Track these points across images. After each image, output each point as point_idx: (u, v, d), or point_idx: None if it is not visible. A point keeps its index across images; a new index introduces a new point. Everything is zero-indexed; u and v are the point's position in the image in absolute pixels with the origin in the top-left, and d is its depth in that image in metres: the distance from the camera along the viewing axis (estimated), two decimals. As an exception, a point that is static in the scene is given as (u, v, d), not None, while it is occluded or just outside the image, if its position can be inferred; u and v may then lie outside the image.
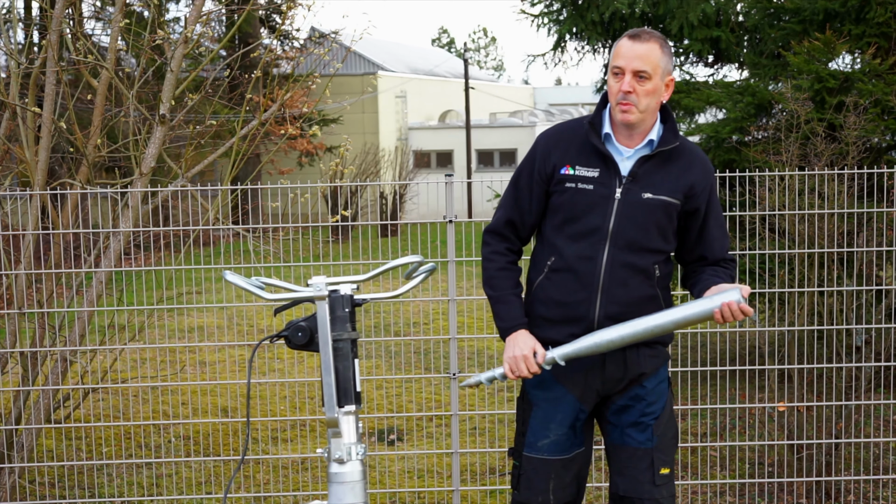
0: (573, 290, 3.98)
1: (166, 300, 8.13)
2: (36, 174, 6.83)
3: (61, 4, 6.88)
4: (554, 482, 4.07)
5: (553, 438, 4.06)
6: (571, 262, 3.97)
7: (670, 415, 4.11)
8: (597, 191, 3.94)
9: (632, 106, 3.88)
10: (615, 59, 3.91)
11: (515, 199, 4.12)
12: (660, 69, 3.89)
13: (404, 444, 7.97)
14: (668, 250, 4.05)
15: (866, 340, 6.57)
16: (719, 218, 4.11)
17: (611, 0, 10.32)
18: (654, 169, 3.97)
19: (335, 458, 3.72)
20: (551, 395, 4.07)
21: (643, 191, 3.94)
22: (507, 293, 4.08)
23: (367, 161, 26.57)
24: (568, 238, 3.99)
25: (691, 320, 3.86)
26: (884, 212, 6.32)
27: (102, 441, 7.87)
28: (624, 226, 3.93)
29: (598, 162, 3.97)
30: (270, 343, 3.91)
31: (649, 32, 3.92)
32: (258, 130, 7.22)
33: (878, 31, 8.74)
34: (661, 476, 4.03)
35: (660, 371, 4.09)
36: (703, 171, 4.04)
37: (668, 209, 3.96)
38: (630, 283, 3.95)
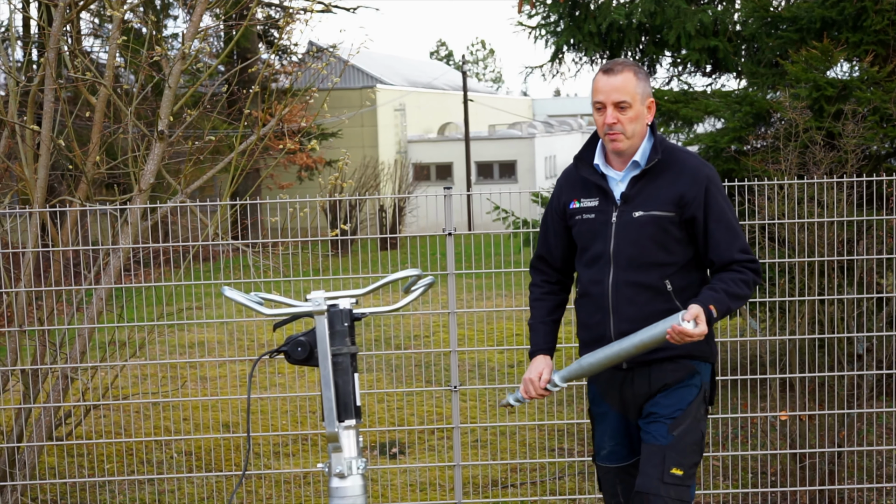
0: (591, 312, 4.27)
1: (167, 316, 8.13)
2: (35, 192, 6.83)
3: (59, 22, 6.89)
4: (621, 486, 4.37)
5: (609, 449, 4.37)
6: (587, 287, 4.26)
7: (693, 422, 4.19)
8: (597, 218, 4.22)
9: (619, 135, 4.12)
10: (595, 94, 4.16)
11: (544, 236, 4.46)
12: (638, 96, 4.12)
13: (406, 457, 7.96)
14: (677, 262, 4.17)
15: (868, 348, 6.56)
16: (722, 220, 4.16)
17: (608, 11, 10.32)
18: (645, 187, 4.17)
19: (336, 472, 3.72)
20: (600, 410, 4.38)
21: (634, 210, 4.15)
22: (536, 322, 4.43)
23: (367, 174, 26.57)
24: (584, 266, 4.29)
25: (648, 344, 4.02)
26: (883, 219, 6.32)
27: (104, 458, 7.86)
28: (622, 246, 4.15)
29: (597, 192, 4.24)
30: (270, 358, 3.91)
31: (622, 63, 4.15)
32: (257, 145, 7.23)
33: (876, 38, 8.74)
34: (672, 475, 4.10)
35: (687, 380, 4.21)
36: (692, 178, 4.15)
37: (661, 222, 4.12)
38: (638, 301, 4.14)
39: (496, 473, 7.39)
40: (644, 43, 10.78)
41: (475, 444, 8.16)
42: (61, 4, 6.86)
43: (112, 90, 7.05)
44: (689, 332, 3.90)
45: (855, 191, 6.28)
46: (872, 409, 6.39)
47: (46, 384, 6.93)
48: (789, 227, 6.29)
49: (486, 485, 7.22)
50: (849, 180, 6.22)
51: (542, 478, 7.33)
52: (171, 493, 7.24)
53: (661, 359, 4.16)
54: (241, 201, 6.57)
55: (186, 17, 24.32)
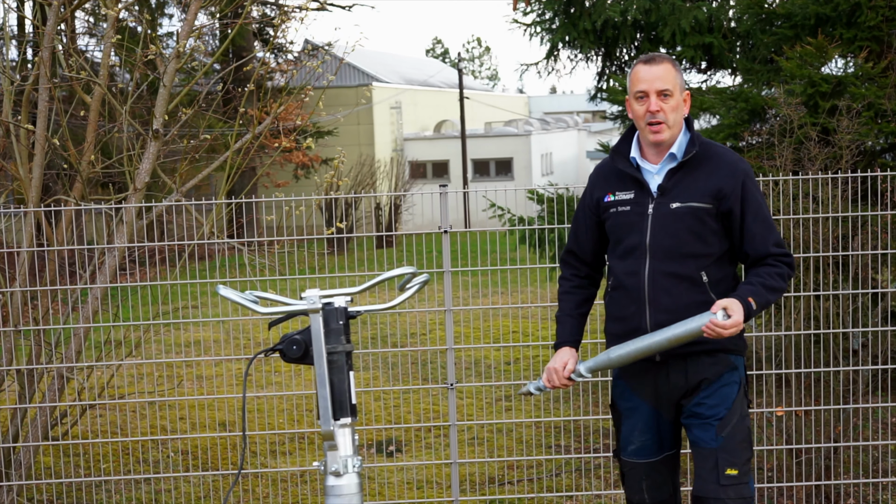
0: (625, 304, 4.28)
1: (163, 315, 8.13)
2: (30, 191, 6.83)
3: (53, 21, 6.88)
4: (647, 482, 4.36)
5: (639, 444, 4.35)
6: (622, 279, 4.28)
7: (739, 419, 4.23)
8: (633, 210, 4.26)
9: (662, 124, 4.18)
10: (636, 84, 4.21)
11: (575, 231, 4.52)
12: (678, 86, 4.21)
13: (403, 455, 7.96)
14: (713, 253, 4.21)
15: (863, 343, 6.57)
16: (759, 213, 4.23)
17: (603, 8, 10.32)
18: (682, 179, 4.22)
19: (332, 470, 3.72)
20: (630, 405, 4.37)
21: (672, 201, 4.20)
22: (564, 314, 4.49)
23: (363, 173, 26.55)
24: (618, 258, 4.32)
25: (683, 338, 4.06)
26: (878, 215, 6.32)
27: (101, 457, 7.86)
28: (658, 237, 4.19)
29: (632, 184, 4.29)
30: (266, 356, 3.91)
31: (661, 55, 4.25)
32: (252, 144, 7.22)
33: (870, 34, 8.74)
34: (728, 476, 4.17)
35: (723, 376, 4.23)
36: (730, 171, 4.21)
37: (698, 214, 4.17)
38: (674, 292, 4.17)
39: (493, 471, 7.39)
40: (639, 40, 10.79)
41: (472, 441, 8.16)
42: (55, 3, 6.85)
43: (107, 89, 7.04)
44: (726, 326, 3.95)
45: (850, 187, 6.28)
46: (868, 404, 6.40)
47: (42, 384, 6.92)
48: (784, 223, 6.29)
49: (482, 482, 7.22)
50: (844, 176, 6.22)
51: (539, 475, 7.34)
52: (168, 493, 7.24)
53: (698, 352, 4.18)
54: (236, 200, 6.57)
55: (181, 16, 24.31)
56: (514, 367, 10.71)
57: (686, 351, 4.16)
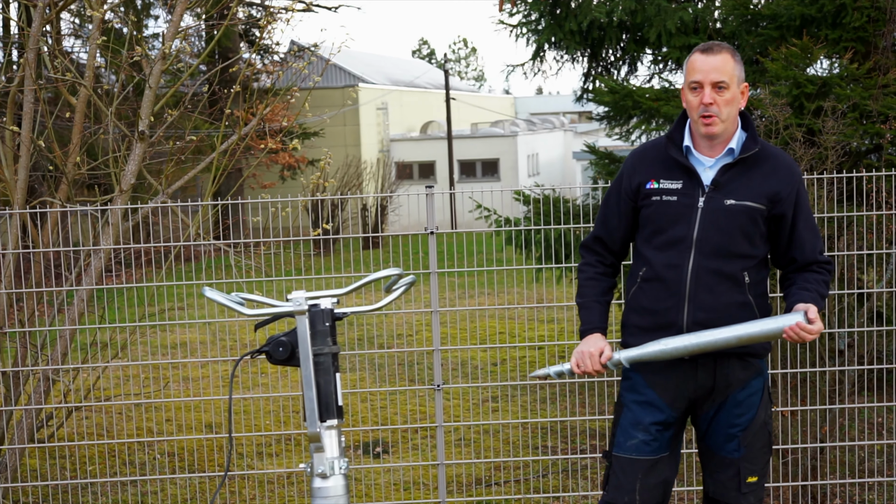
0: (662, 297, 4.11)
1: (149, 317, 8.10)
2: (15, 193, 6.81)
3: (38, 22, 6.86)
4: (640, 482, 4.16)
5: (641, 439, 4.16)
6: (660, 270, 4.11)
7: (762, 425, 4.18)
8: (681, 201, 4.09)
9: (714, 118, 4.03)
10: (691, 74, 4.08)
11: (605, 217, 4.32)
12: (735, 78, 4.05)
13: (390, 456, 7.95)
14: (757, 255, 4.12)
15: (849, 344, 6.59)
16: (809, 220, 4.17)
17: (588, 9, 10.33)
18: (737, 176, 4.08)
19: (318, 472, 3.71)
20: (642, 398, 4.18)
21: (726, 198, 4.06)
22: (590, 300, 4.29)
23: (349, 174, 26.54)
24: (656, 249, 4.13)
25: (759, 337, 3.97)
26: (864, 215, 6.34)
27: (87, 459, 7.84)
28: (708, 233, 4.05)
29: (681, 174, 4.12)
30: (252, 358, 3.90)
31: (719, 45, 4.09)
32: (238, 145, 7.22)
33: (855, 35, 8.77)
34: (748, 484, 4.15)
35: (751, 383, 4.16)
36: (788, 175, 4.12)
37: (752, 214, 4.05)
38: (717, 290, 4.05)
39: (480, 472, 7.40)
40: (625, 41, 10.80)
41: (459, 442, 8.16)
42: (41, 5, 6.84)
43: (92, 90, 7.03)
44: (812, 331, 3.87)
45: (835, 187, 6.30)
46: (854, 404, 6.41)
47: (28, 386, 6.90)
48: (770, 224, 6.30)
49: (469, 483, 7.22)
50: (829, 177, 6.24)
51: (527, 476, 7.34)
52: (155, 495, 7.23)
53: (729, 354, 4.07)
54: (222, 201, 6.56)
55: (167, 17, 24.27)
56: (500, 368, 10.71)
57: (717, 353, 4.06)
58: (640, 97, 9.59)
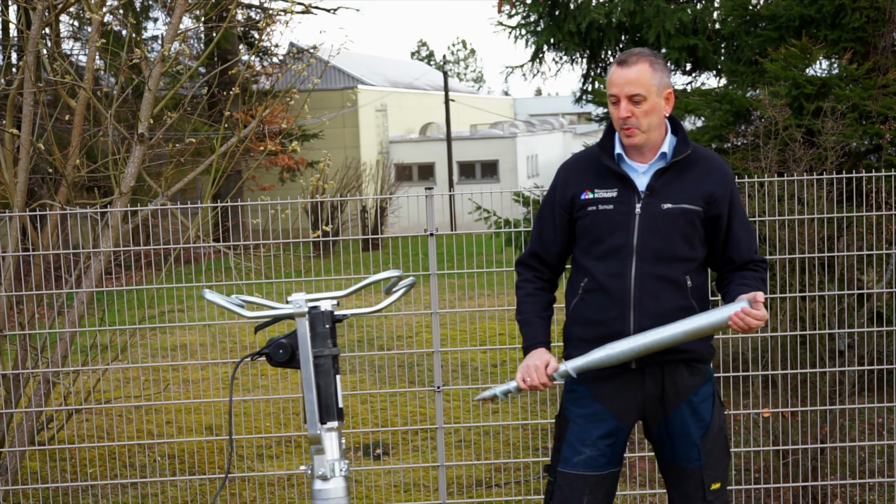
0: (606, 307, 4.04)
1: (149, 319, 8.10)
2: (15, 196, 6.81)
3: (38, 25, 6.86)
4: (588, 497, 4.08)
5: (589, 455, 4.09)
6: (602, 280, 4.04)
7: (719, 430, 4.14)
8: (617, 209, 4.03)
9: (634, 129, 3.98)
10: (609, 87, 4.02)
11: (539, 231, 4.25)
12: (653, 87, 3.97)
13: (390, 458, 7.95)
14: (697, 258, 4.10)
15: (849, 344, 6.59)
16: (744, 220, 4.15)
17: (587, 10, 10.34)
18: (671, 180, 4.05)
19: (318, 474, 3.71)
20: (589, 411, 4.11)
21: (662, 202, 4.01)
22: (531, 316, 4.21)
23: (349, 175, 26.55)
24: (596, 259, 4.07)
25: (705, 329, 3.92)
26: (864, 216, 6.34)
27: (87, 462, 7.83)
28: (648, 238, 4.00)
29: (615, 182, 4.06)
30: (252, 360, 3.90)
31: (637, 54, 4.00)
32: (238, 147, 7.22)
33: (854, 36, 8.78)
34: (713, 491, 4.11)
35: (701, 389, 4.11)
36: (721, 176, 4.09)
37: (690, 216, 4.02)
38: (661, 296, 4.00)
39: (480, 473, 7.39)
40: (624, 42, 10.81)
41: (459, 444, 8.16)
42: (40, 7, 6.84)
43: (92, 93, 7.03)
44: (757, 316, 3.83)
45: (835, 188, 6.30)
46: (855, 405, 6.41)
47: (28, 389, 6.90)
48: (770, 225, 6.31)
49: (470, 485, 7.22)
50: (829, 177, 6.24)
51: (527, 477, 7.34)
52: (155, 497, 7.22)
53: (676, 360, 4.04)
54: (222, 203, 6.56)
55: (166, 20, 24.26)
56: (500, 370, 10.71)
57: (664, 359, 4.01)
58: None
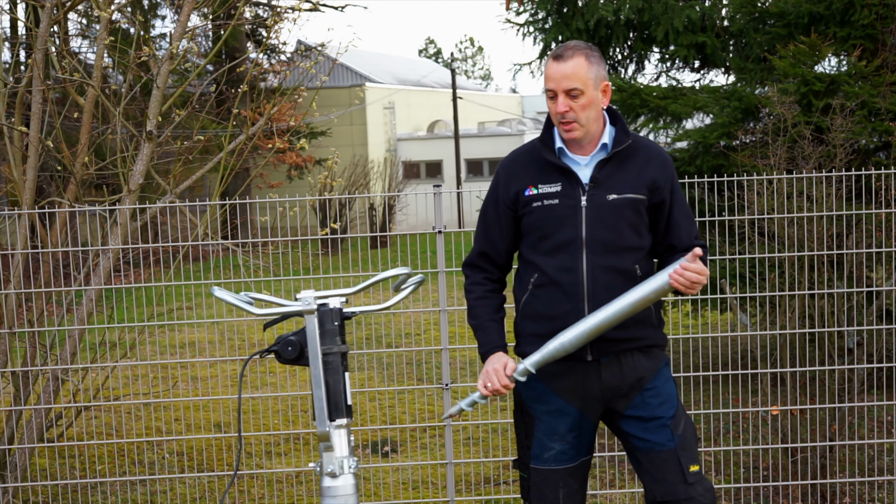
0: (559, 301, 4.03)
1: (157, 316, 8.11)
2: (24, 193, 6.82)
3: (46, 23, 6.87)
4: (563, 490, 4.11)
5: (559, 449, 4.10)
6: (554, 275, 4.02)
7: (684, 412, 4.14)
8: (563, 203, 4.02)
9: (573, 123, 3.99)
10: (546, 82, 4.01)
11: (485, 231, 4.21)
12: (590, 81, 3.98)
13: (398, 455, 7.96)
14: (645, 246, 4.09)
15: (858, 342, 6.58)
16: (684, 206, 4.15)
17: (596, 8, 10.32)
18: (614, 170, 4.05)
19: (327, 471, 3.71)
20: (552, 407, 4.10)
21: (608, 193, 4.01)
22: (485, 320, 4.16)
23: (357, 173, 26.55)
24: (545, 254, 4.05)
25: (649, 297, 3.89)
26: (873, 213, 6.33)
27: (96, 459, 7.85)
28: (596, 230, 3.99)
29: (559, 176, 4.05)
30: (261, 358, 3.91)
31: (572, 48, 4.00)
32: (246, 145, 7.22)
33: (864, 33, 8.76)
34: (692, 474, 4.06)
35: (661, 372, 4.12)
36: (661, 163, 4.10)
37: (636, 205, 4.02)
38: (613, 286, 3.97)
39: (489, 471, 7.39)
40: (632, 39, 10.79)
41: (467, 441, 8.16)
42: (48, 5, 6.85)
43: (100, 91, 7.03)
44: (698, 270, 3.81)
45: (844, 185, 6.29)
46: (864, 402, 6.40)
47: (37, 386, 6.91)
48: (779, 222, 6.30)
49: (478, 482, 7.22)
50: (838, 175, 6.23)
51: (535, 475, 7.32)
52: (164, 494, 7.23)
53: (632, 349, 4.04)
54: (230, 201, 6.56)
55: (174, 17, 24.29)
56: (508, 367, 10.68)
57: (619, 349, 4.02)
58: (648, 95, 9.58)
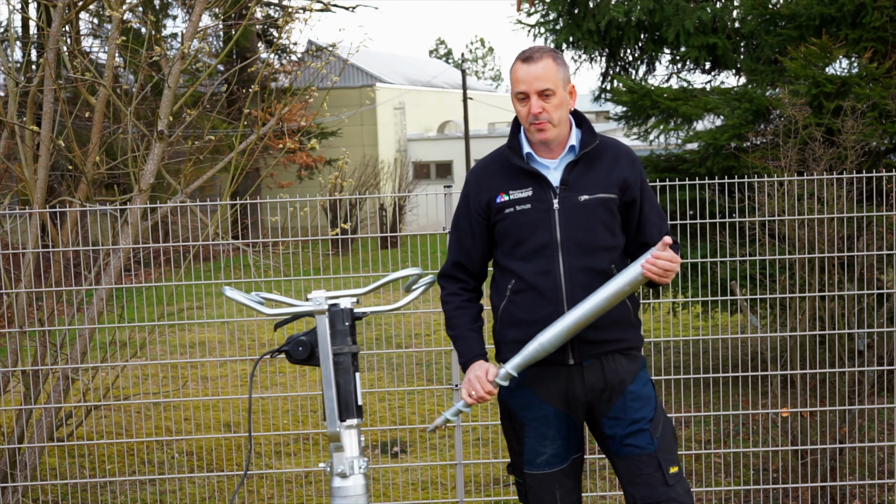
0: (539, 305, 4.04)
1: (167, 316, 8.12)
2: (35, 192, 6.83)
3: (58, 22, 6.88)
4: (560, 492, 4.15)
5: (551, 452, 4.13)
6: (532, 279, 4.03)
7: (662, 414, 4.15)
8: (535, 207, 4.03)
9: (546, 123, 4.00)
10: (516, 85, 4.02)
11: (458, 241, 4.22)
12: (560, 81, 4.00)
13: (408, 455, 7.96)
14: (619, 245, 4.10)
15: (868, 344, 6.57)
16: (654, 204, 4.17)
17: (607, 9, 10.32)
18: (584, 171, 4.06)
19: (337, 472, 3.72)
20: (540, 413, 4.13)
21: (579, 194, 4.02)
22: (464, 330, 4.18)
23: (367, 173, 26.58)
24: (521, 259, 4.06)
25: (624, 290, 3.89)
26: (883, 215, 6.32)
27: (106, 458, 7.87)
28: (571, 232, 4.00)
29: (529, 180, 4.07)
30: (272, 358, 3.91)
31: (539, 50, 4.02)
32: (256, 145, 7.23)
33: (875, 35, 8.74)
34: (672, 475, 4.07)
35: (640, 374, 4.14)
36: (630, 162, 4.12)
37: (608, 205, 4.03)
38: (591, 287, 3.97)
39: (498, 472, 7.39)
40: (643, 40, 10.79)
41: (476, 442, 8.16)
42: (60, 5, 6.86)
43: (111, 90, 7.05)
44: (670, 258, 3.82)
45: (855, 187, 6.28)
46: (874, 405, 6.39)
47: (47, 385, 6.93)
48: (789, 224, 6.29)
49: (487, 483, 7.22)
50: (848, 177, 6.21)
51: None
52: (173, 494, 7.24)
53: (612, 351, 4.06)
54: (241, 201, 6.57)
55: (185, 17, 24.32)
56: (518, 368, 10.68)
57: (600, 351, 4.03)
58: (659, 97, 9.58)
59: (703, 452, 6.90)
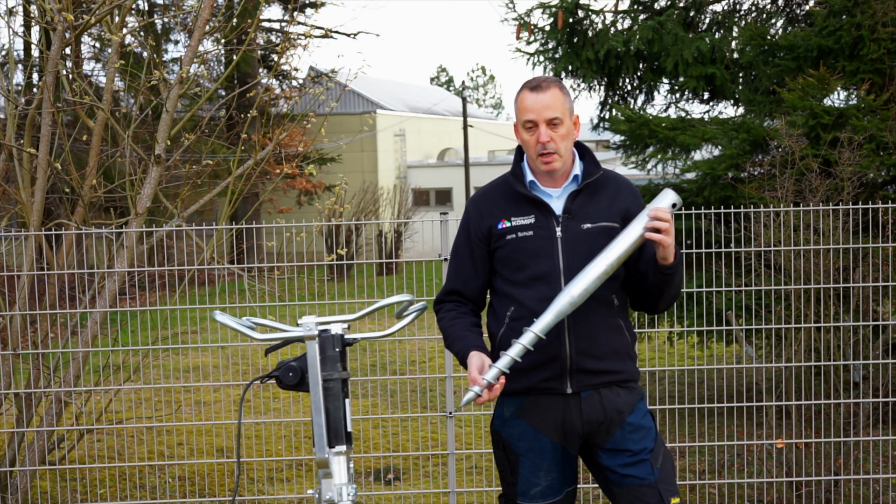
0: None
1: (162, 340, 8.11)
2: (32, 215, 6.83)
3: (58, 45, 6.90)
4: None
5: (545, 484, 4.09)
6: (533, 306, 3.98)
7: (662, 444, 4.13)
8: (538, 234, 4.01)
9: (554, 154, 3.99)
10: (524, 114, 4.00)
11: (457, 269, 4.21)
12: (567, 111, 4.00)
13: (402, 483, 7.93)
14: (620, 275, 4.08)
15: (864, 376, 6.56)
16: None
17: (606, 38, 10.35)
18: (587, 201, 4.06)
19: (326, 499, 3.70)
20: (535, 444, 4.09)
21: (582, 223, 4.02)
22: (459, 330, 4.13)
23: (366, 199, 26.59)
24: (522, 286, 4.04)
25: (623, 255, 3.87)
26: (880, 247, 6.32)
27: (98, 482, 7.83)
28: (573, 260, 3.97)
29: (532, 208, 4.05)
30: (262, 383, 3.90)
31: (546, 79, 4.02)
32: (255, 169, 7.23)
33: (872, 67, 8.76)
34: None
35: (639, 405, 4.12)
36: (631, 194, 4.13)
37: (610, 234, 4.01)
38: (593, 316, 3.97)
39: (491, 500, 7.36)
40: (642, 70, 10.81)
41: (471, 470, 8.13)
42: (60, 28, 6.88)
43: (110, 114, 7.06)
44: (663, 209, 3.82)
45: (851, 218, 6.28)
46: (869, 437, 6.38)
47: (40, 408, 6.91)
48: (786, 255, 6.29)
49: (481, 511, 7.19)
50: (845, 208, 6.22)
51: (538, 505, 7.29)
52: (165, 518, 7.21)
53: (610, 382, 4.03)
54: (238, 225, 6.57)
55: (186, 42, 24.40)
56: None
57: (599, 381, 4.00)
58: (657, 126, 9.59)
59: (697, 483, 6.88)
